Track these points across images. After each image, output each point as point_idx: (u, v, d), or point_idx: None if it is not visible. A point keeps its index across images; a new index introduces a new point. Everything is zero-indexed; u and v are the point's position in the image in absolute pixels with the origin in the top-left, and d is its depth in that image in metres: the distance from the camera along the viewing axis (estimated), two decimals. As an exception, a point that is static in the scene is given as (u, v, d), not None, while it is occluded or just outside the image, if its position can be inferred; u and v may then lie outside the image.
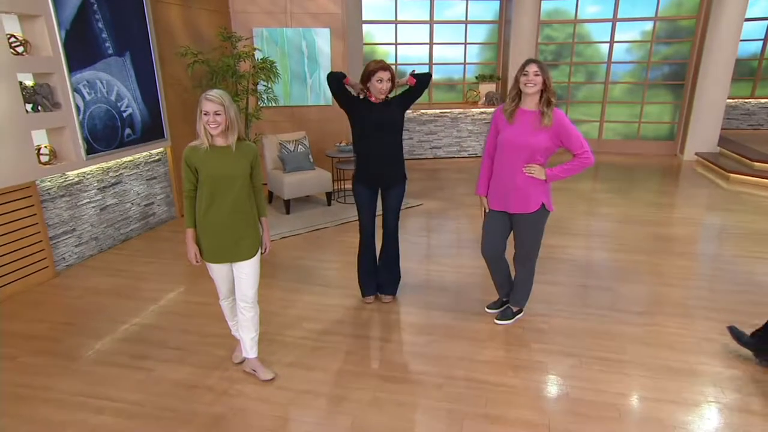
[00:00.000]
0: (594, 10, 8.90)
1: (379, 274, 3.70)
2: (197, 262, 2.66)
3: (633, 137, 9.35)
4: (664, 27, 8.80)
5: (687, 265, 4.35)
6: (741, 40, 8.08)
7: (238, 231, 2.61)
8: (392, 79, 3.19)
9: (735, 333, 3.03)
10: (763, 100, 9.42)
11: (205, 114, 2.40)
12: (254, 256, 2.68)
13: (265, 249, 2.78)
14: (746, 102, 9.48)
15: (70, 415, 2.57)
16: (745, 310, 3.57)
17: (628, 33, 8.89)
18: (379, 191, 3.46)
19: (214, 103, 2.37)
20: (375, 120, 3.24)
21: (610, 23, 8.84)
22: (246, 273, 2.67)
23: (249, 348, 2.80)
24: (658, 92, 9.10)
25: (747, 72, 9.41)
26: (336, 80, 3.20)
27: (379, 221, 3.55)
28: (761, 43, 9.20)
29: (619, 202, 6.29)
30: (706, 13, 8.19)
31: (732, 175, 7.07)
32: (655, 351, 3.08)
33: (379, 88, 3.15)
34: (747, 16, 8.00)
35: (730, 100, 9.00)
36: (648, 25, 8.78)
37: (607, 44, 8.96)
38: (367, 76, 3.17)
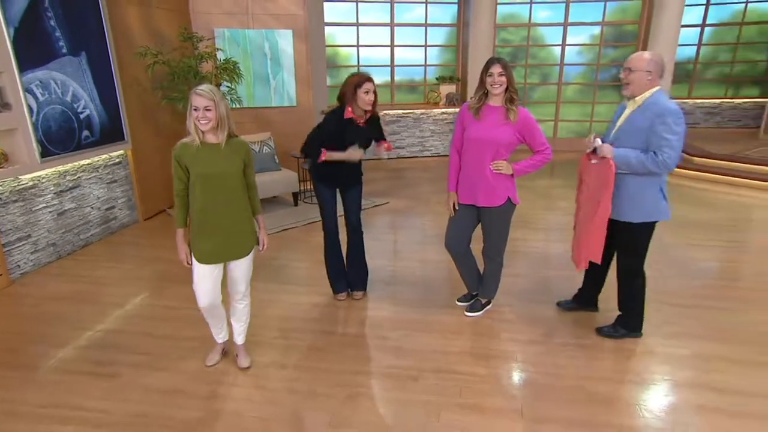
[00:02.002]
0: (546, 14, 9.15)
1: (349, 272, 3.68)
2: (188, 264, 2.57)
3: (585, 135, 9.61)
4: (611, 31, 9.14)
5: (640, 255, 4.51)
6: (678, 45, 8.48)
7: (234, 229, 2.55)
8: (375, 92, 3.15)
9: (565, 306, 3.47)
10: (698, 101, 9.91)
11: (195, 109, 2.30)
12: (249, 254, 2.64)
13: (262, 246, 2.73)
14: (684, 102, 9.94)
15: (33, 427, 2.42)
16: (691, 292, 3.76)
17: (578, 36, 9.19)
18: (337, 191, 3.46)
19: (204, 98, 2.29)
20: (351, 139, 3.21)
21: (562, 27, 9.11)
22: (240, 270, 2.65)
23: (237, 334, 2.86)
24: (607, 93, 9.45)
25: (684, 75, 9.88)
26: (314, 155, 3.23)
27: (342, 221, 3.54)
28: (695, 48, 9.69)
29: (574, 196, 6.46)
30: (648, 18, 8.58)
31: (675, 169, 7.38)
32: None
33: (366, 99, 3.09)
34: (683, 23, 8.41)
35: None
36: (596, 30, 9.11)
37: (560, 47, 9.24)
38: (353, 89, 3.08)
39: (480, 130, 2.97)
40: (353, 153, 3.18)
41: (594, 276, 3.29)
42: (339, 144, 3.18)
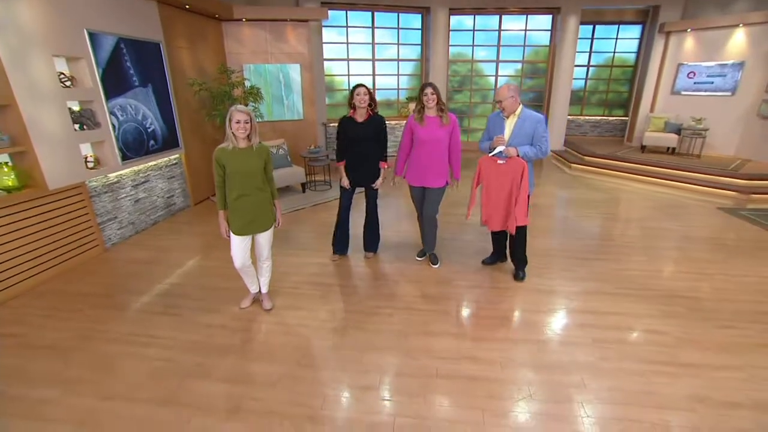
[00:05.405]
0: (484, 53, 9.05)
1: (365, 237, 3.65)
2: (227, 236, 2.55)
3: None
4: (529, 67, 9.09)
5: (547, 224, 4.59)
6: (573, 79, 8.60)
7: (259, 210, 2.53)
8: (368, 94, 3.13)
9: (490, 261, 3.49)
10: (587, 117, 10.04)
11: (237, 122, 2.30)
12: (270, 227, 2.63)
13: (278, 223, 2.71)
14: (577, 118, 10.06)
15: (124, 348, 2.46)
16: (581, 248, 3.88)
17: (506, 70, 9.11)
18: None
19: (243, 113, 2.30)
20: (355, 135, 3.20)
21: (495, 63, 9.03)
22: (263, 239, 2.64)
23: (262, 285, 2.85)
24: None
25: (577, 99, 9.98)
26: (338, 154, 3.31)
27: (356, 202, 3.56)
28: (584, 81, 9.83)
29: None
30: (552, 59, 8.57)
31: (572, 165, 7.49)
32: (530, 279, 3.24)
33: (359, 99, 3.10)
34: (576, 63, 8.56)
35: (569, 117, 9.53)
36: (519, 65, 9.05)
37: (494, 77, 9.16)
38: (352, 93, 3.13)
39: (425, 133, 3.06)
40: (344, 180, 3.31)
41: (499, 240, 3.42)
42: (347, 134, 3.21)
